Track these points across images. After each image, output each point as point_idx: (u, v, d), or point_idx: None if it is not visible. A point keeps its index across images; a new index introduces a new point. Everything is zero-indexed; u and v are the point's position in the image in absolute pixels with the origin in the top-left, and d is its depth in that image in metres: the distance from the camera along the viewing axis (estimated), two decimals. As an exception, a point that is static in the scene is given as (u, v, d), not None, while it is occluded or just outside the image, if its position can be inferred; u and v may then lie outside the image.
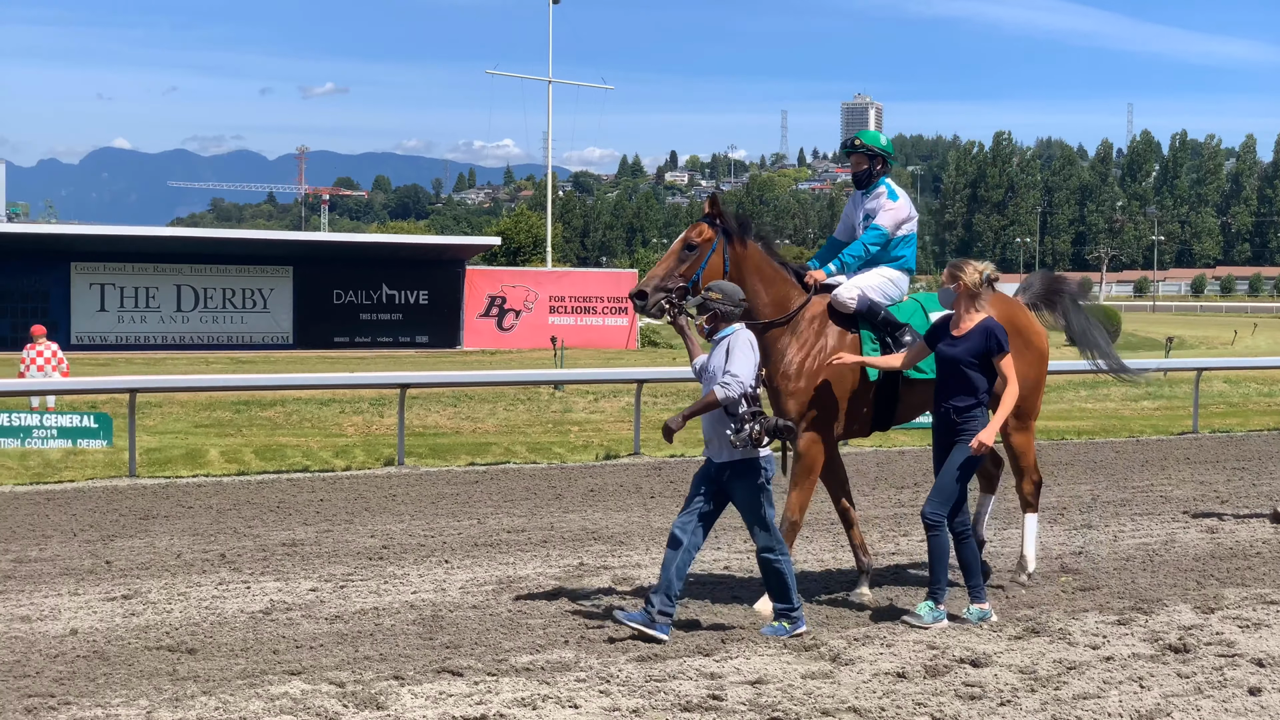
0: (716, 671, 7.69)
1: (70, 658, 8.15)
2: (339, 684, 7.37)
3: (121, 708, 6.95)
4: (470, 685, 7.40)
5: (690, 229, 9.71)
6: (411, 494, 15.76)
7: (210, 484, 16.73)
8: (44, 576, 10.83)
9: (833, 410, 9.68)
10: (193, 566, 11.21)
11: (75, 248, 52.99)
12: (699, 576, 10.58)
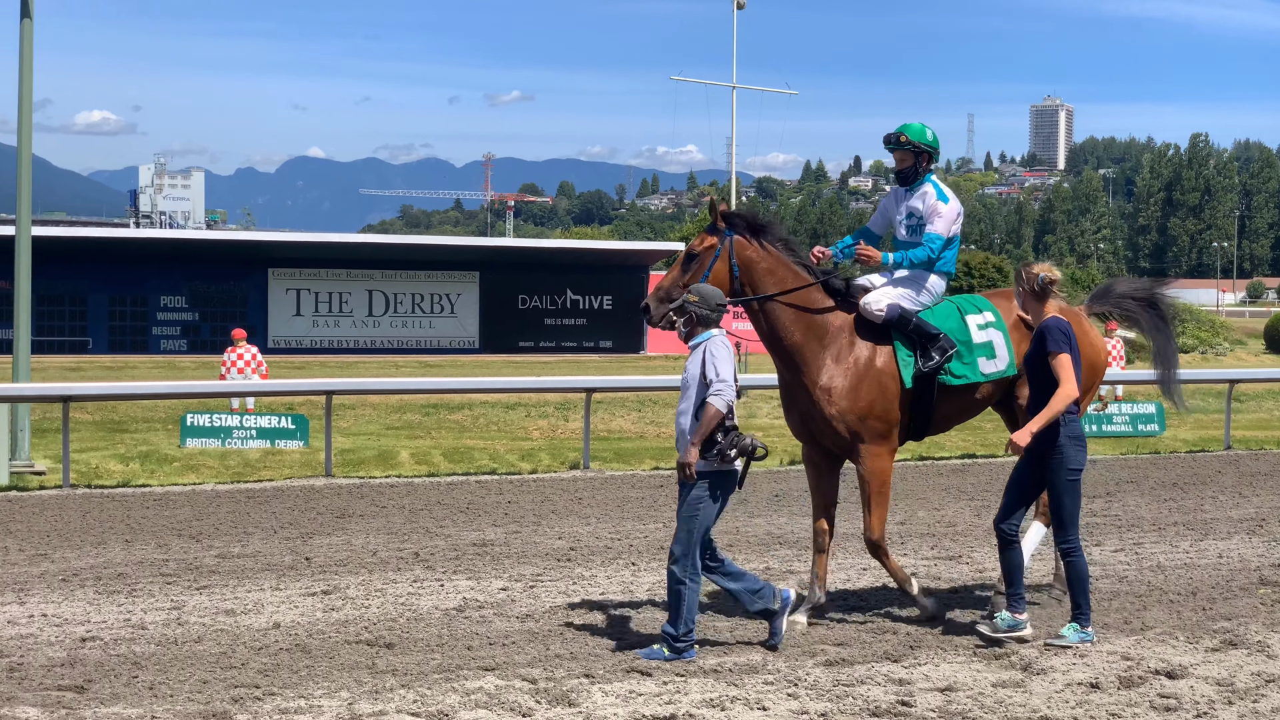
0: (905, 678, 7.67)
1: (274, 650, 8.43)
2: (531, 680, 7.52)
3: (323, 699, 7.18)
4: (659, 685, 7.48)
5: (695, 238, 9.38)
6: (597, 497, 15.94)
7: (402, 484, 17.12)
8: (247, 572, 11.20)
9: (881, 421, 9.25)
10: (388, 564, 11.50)
11: (272, 254, 54.47)
12: (887, 584, 10.53)
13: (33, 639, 8.71)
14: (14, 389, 18.63)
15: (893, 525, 13.54)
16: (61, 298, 52.86)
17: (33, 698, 7.21)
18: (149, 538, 12.95)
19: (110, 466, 18.87)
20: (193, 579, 10.83)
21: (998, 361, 9.54)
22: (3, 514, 14.53)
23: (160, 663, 8.08)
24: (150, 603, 9.92)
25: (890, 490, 9.40)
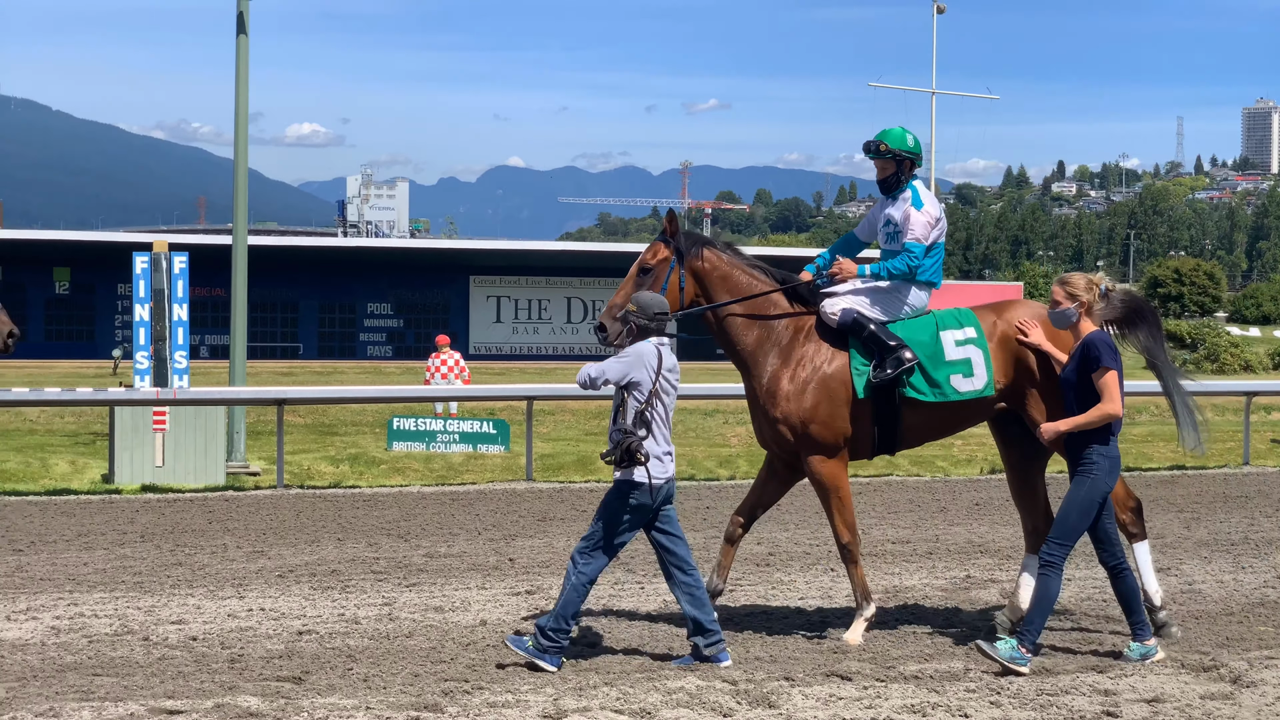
0: (1111, 688, 7.56)
1: (481, 646, 8.64)
2: (731, 681, 7.59)
3: (530, 694, 7.34)
4: (859, 689, 7.50)
5: (645, 251, 9.12)
6: (795, 504, 15.94)
7: (601, 489, 17.32)
8: (453, 571, 11.48)
9: (825, 428, 8.95)
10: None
11: (474, 262, 55.43)
12: (1087, 593, 10.37)
13: (252, 632, 9.06)
14: (230, 392, 19.33)
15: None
16: (274, 305, 54.55)
17: (253, 687, 7.51)
18: (360, 537, 13.35)
19: (321, 468, 19.46)
20: (402, 577, 11.14)
21: (974, 380, 9.00)
22: (221, 513, 15.09)
23: (373, 656, 8.35)
24: (363, 599, 10.24)
25: (849, 495, 9.12)
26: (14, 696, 7.27)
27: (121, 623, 9.28)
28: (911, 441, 9.33)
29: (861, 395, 8.94)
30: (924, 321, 9.16)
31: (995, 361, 9.01)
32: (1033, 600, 8.14)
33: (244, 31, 21.42)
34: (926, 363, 8.98)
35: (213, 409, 18.27)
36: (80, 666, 8.04)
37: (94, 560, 11.91)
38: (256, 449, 21.29)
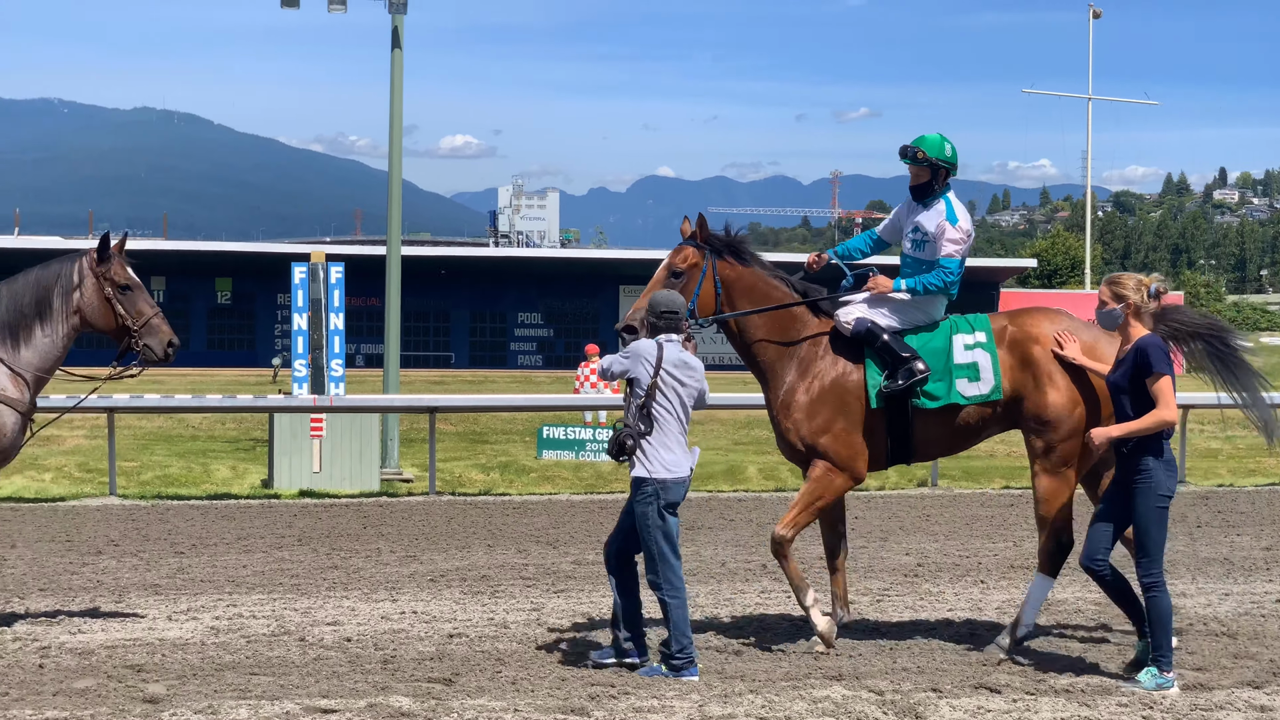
0: (1267, 704, 7.40)
1: (627, 653, 8.71)
2: (878, 692, 7.56)
3: (675, 700, 7.40)
4: (1008, 702, 7.43)
5: (673, 254, 9.02)
6: (945, 515, 15.82)
7: (750, 499, 17.35)
8: (601, 578, 11.54)
9: (837, 442, 8.86)
10: (736, 575, 11.70)
11: (623, 271, 55.65)
12: (1250, 611, 10.14)
13: (404, 634, 9.23)
14: (385, 400, 19.67)
15: (1258, 551, 13.03)
16: (427, 314, 55.37)
17: (405, 688, 7.66)
18: (509, 543, 13.51)
19: (472, 475, 19.71)
20: (551, 583, 11.26)
21: (980, 385, 8.86)
22: (375, 518, 15.37)
23: (522, 660, 8.46)
24: (512, 604, 10.37)
25: (821, 507, 8.95)
26: (174, 694, 7.50)
27: (278, 623, 9.52)
28: (928, 452, 9.25)
29: (874, 406, 8.86)
30: (940, 329, 9.07)
31: (1004, 366, 8.86)
32: (1151, 624, 7.87)
33: (398, 46, 21.81)
34: (940, 371, 8.88)
35: (368, 416, 18.62)
36: (238, 665, 8.26)
37: (253, 563, 12.21)
38: (409, 456, 21.64)
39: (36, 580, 11.25)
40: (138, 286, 9.35)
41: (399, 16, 21.61)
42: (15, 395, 9.11)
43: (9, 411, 9.07)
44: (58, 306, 9.23)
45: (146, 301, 9.38)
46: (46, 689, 7.64)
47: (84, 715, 7.03)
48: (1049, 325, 8.89)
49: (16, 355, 9.16)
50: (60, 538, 13.63)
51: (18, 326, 9.17)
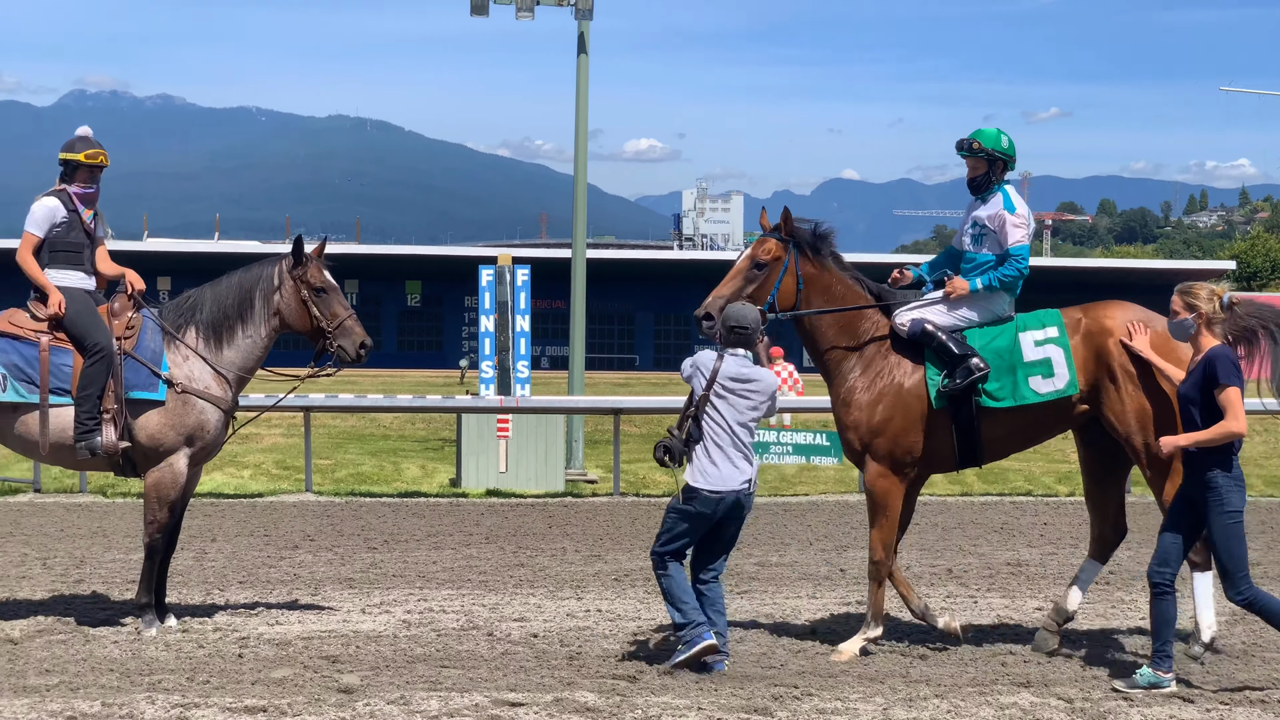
0: None
1: (811, 654, 8.70)
2: (1067, 700, 7.45)
3: (859, 703, 7.37)
4: (1201, 712, 7.27)
5: (756, 245, 8.93)
6: (1137, 522, 15.40)
7: (935, 503, 17.17)
8: (784, 580, 11.58)
9: (901, 440, 8.75)
10: (921, 579, 11.60)
11: (808, 275, 55.35)
12: None
13: (589, 631, 9.34)
14: (570, 402, 19.89)
15: None
16: (611, 317, 55.81)
17: (590, 684, 7.76)
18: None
19: (655, 477, 19.82)
20: (734, 584, 11.28)
21: (1055, 380, 8.68)
22: (560, 518, 15.56)
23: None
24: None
25: (895, 513, 8.85)
26: (368, 684, 7.70)
27: (467, 618, 9.70)
28: (996, 453, 9.07)
29: (936, 406, 8.75)
30: (1005, 327, 8.94)
31: (1077, 360, 8.70)
32: (1154, 624, 7.83)
33: (584, 51, 22.04)
34: (1003, 369, 8.73)
35: (553, 418, 18.85)
36: (429, 658, 8.44)
37: (442, 559, 12.45)
38: (594, 457, 21.85)
39: (236, 573, 11.62)
40: (333, 289, 9.61)
41: (585, 22, 21.85)
42: (219, 393, 9.42)
43: (212, 409, 9.39)
44: (258, 308, 9.54)
45: (341, 304, 9.63)
46: (246, 678, 7.89)
47: (281, 704, 7.26)
48: (1122, 316, 8.75)
49: (220, 355, 9.48)
50: (258, 532, 14.05)
51: (221, 327, 9.50)
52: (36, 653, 8.51)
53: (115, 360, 9.28)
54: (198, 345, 9.49)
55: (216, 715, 7.06)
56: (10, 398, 9.27)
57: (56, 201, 9.55)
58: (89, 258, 9.66)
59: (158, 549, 9.44)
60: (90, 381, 9.20)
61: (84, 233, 9.61)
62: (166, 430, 9.32)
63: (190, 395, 9.34)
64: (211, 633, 9.17)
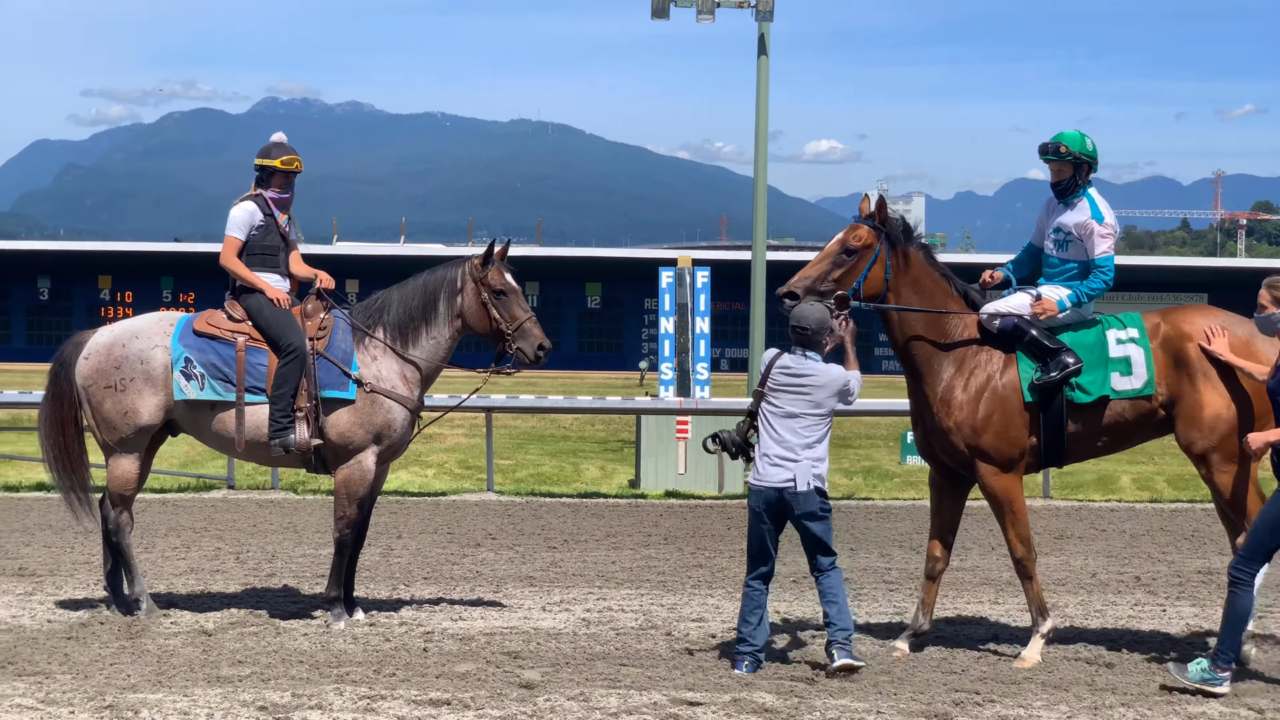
0: None
1: (992, 660, 8.60)
2: (1258, 710, 7.31)
3: (1042, 710, 7.28)
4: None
5: (847, 231, 8.75)
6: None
7: (1123, 509, 16.83)
8: (965, 585, 11.45)
9: (999, 438, 8.65)
10: (1108, 586, 11.39)
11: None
12: None
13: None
14: (749, 404, 19.84)
15: None
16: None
17: (768, 685, 7.78)
18: (872, 547, 13.49)
19: (835, 480, 19.71)
20: (914, 588, 11.16)
21: (1133, 379, 8.65)
22: (739, 519, 15.50)
23: (884, 663, 8.45)
24: (873, 607, 10.37)
25: (1024, 509, 8.77)
26: (548, 680, 7.80)
27: (646, 618, 9.77)
28: (1079, 453, 8.98)
29: (1029, 400, 8.69)
30: (1093, 326, 8.91)
31: (1156, 363, 8.67)
32: (1223, 619, 7.80)
33: (764, 53, 22.04)
34: (1094, 363, 8.67)
35: (732, 419, 18.83)
36: (608, 656, 8.52)
37: (621, 559, 12.56)
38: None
39: (421, 569, 11.85)
40: (513, 292, 9.75)
41: (765, 24, 21.84)
42: (405, 393, 9.63)
43: (399, 408, 9.60)
44: (442, 310, 9.72)
45: (520, 306, 9.76)
46: (430, 671, 8.06)
47: (464, 697, 7.40)
48: (1201, 321, 8.69)
49: (406, 355, 9.68)
50: (442, 530, 14.31)
51: (407, 328, 9.70)
52: (229, 644, 8.78)
53: (308, 360, 9.54)
54: (385, 346, 9.70)
55: (402, 707, 7.22)
56: (208, 396, 9.58)
57: (254, 206, 9.85)
58: (283, 260, 9.94)
59: (347, 544, 9.68)
60: (284, 380, 9.47)
61: (279, 236, 9.90)
62: (355, 428, 9.55)
63: (378, 395, 9.55)
64: (397, 627, 9.37)
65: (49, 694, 7.40)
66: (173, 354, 9.60)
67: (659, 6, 22.23)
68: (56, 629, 9.19)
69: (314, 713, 7.12)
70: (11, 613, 9.74)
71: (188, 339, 9.65)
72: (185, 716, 7.04)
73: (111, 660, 8.28)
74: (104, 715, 7.05)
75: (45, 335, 53.27)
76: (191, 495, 17.20)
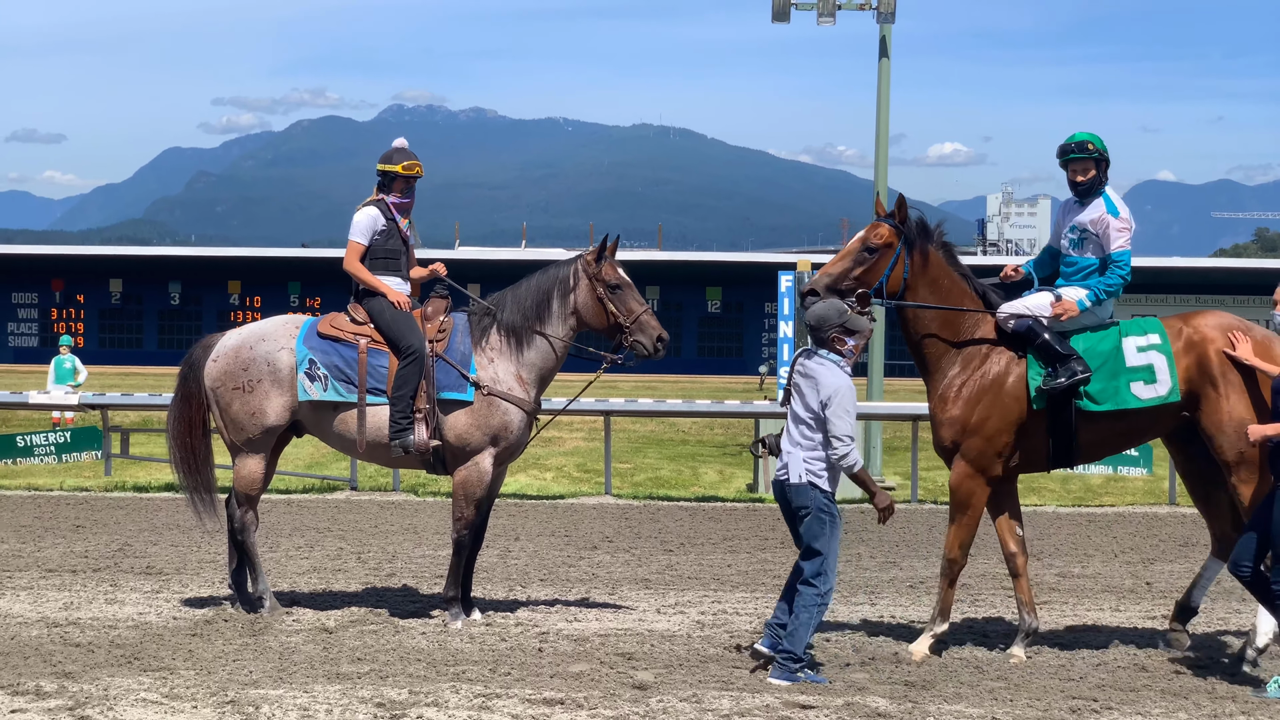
0: None
1: (1112, 667, 8.49)
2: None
3: (1162, 717, 7.21)
4: None
5: (869, 229, 8.83)
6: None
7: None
8: (1086, 591, 11.32)
9: (994, 441, 8.65)
10: (1232, 594, 11.16)
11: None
12: None
13: (881, 636, 9.29)
14: (868, 408, 19.72)
15: None
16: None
17: (881, 689, 7.76)
18: (991, 553, 13.32)
19: (892, 482, 19.54)
20: (972, 595, 11.11)
21: (1157, 387, 8.62)
22: (855, 524, 15.43)
23: (1000, 668, 8.38)
24: (991, 613, 10.31)
25: (977, 515, 8.82)
26: (661, 681, 7.84)
27: (760, 621, 9.76)
28: (1092, 454, 9.07)
29: (1036, 406, 8.68)
30: (1108, 332, 8.89)
31: (1180, 368, 8.66)
32: None
33: (885, 55, 21.91)
34: (1105, 373, 8.58)
35: (851, 423, 18.73)
36: (722, 659, 8.54)
37: (737, 563, 12.57)
38: (892, 464, 21.66)
39: (537, 571, 11.95)
40: (627, 285, 9.78)
41: (887, 26, 21.71)
42: (521, 395, 9.72)
43: (515, 410, 9.69)
44: (556, 309, 9.79)
45: (636, 299, 9.80)
46: (545, 671, 8.13)
47: (578, 697, 7.46)
48: (1222, 325, 8.72)
49: (521, 356, 9.77)
50: (559, 533, 14.42)
51: (522, 329, 9.78)
52: (349, 641, 8.93)
53: (428, 362, 9.66)
54: (501, 347, 9.79)
55: (516, 706, 7.30)
56: (330, 397, 9.75)
57: (376, 210, 10.00)
58: (404, 264, 10.08)
59: (464, 545, 9.79)
60: (404, 382, 9.60)
61: (400, 240, 10.04)
62: (473, 430, 9.66)
63: (495, 397, 9.65)
64: (513, 627, 9.46)
65: (173, 689, 7.58)
66: (297, 356, 9.77)
67: (779, 9, 22.19)
68: (181, 626, 9.40)
69: (430, 710, 7.22)
70: (139, 610, 9.98)
71: (312, 341, 9.82)
72: (305, 712, 7.17)
73: (234, 656, 8.46)
74: (225, 710, 7.20)
75: (176, 339, 54.36)
76: (315, 496, 17.49)
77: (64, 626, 9.32)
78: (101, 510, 15.72)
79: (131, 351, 54.94)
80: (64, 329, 50.69)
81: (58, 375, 24.31)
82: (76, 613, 9.83)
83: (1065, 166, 9.05)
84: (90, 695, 7.41)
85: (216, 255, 61.56)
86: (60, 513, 15.43)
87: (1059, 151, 9.05)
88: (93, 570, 11.66)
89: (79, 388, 23.85)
